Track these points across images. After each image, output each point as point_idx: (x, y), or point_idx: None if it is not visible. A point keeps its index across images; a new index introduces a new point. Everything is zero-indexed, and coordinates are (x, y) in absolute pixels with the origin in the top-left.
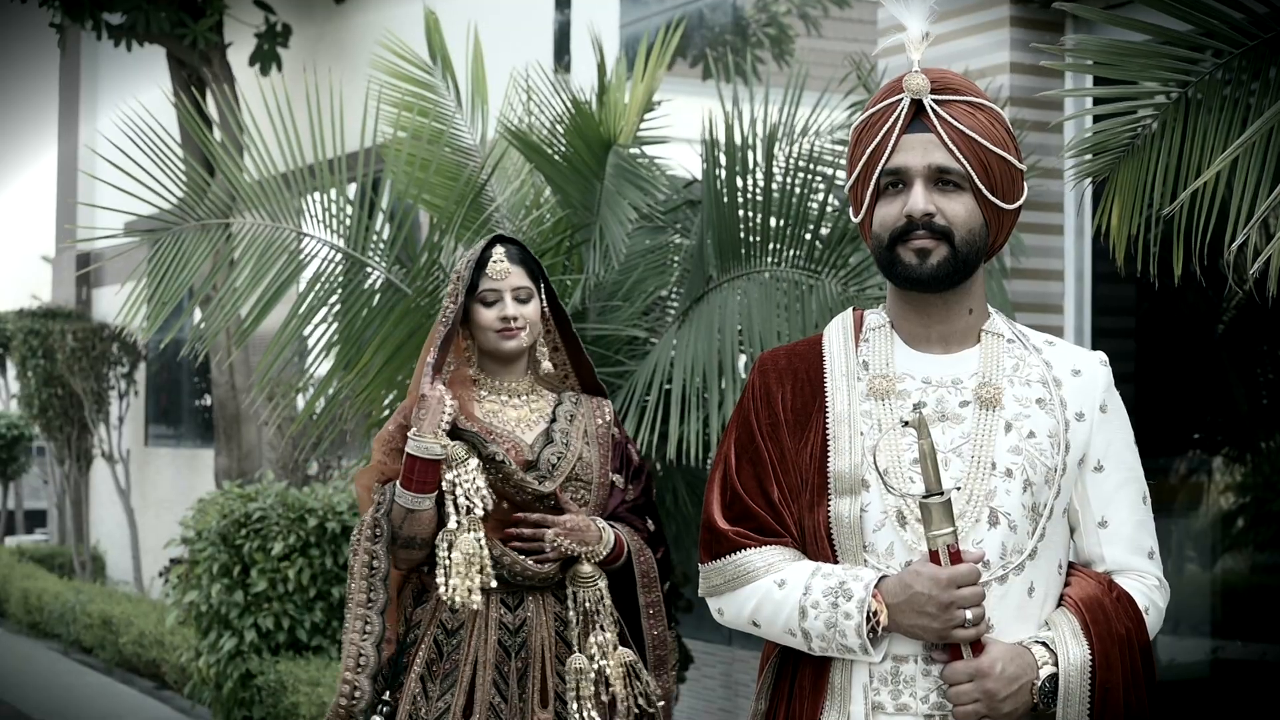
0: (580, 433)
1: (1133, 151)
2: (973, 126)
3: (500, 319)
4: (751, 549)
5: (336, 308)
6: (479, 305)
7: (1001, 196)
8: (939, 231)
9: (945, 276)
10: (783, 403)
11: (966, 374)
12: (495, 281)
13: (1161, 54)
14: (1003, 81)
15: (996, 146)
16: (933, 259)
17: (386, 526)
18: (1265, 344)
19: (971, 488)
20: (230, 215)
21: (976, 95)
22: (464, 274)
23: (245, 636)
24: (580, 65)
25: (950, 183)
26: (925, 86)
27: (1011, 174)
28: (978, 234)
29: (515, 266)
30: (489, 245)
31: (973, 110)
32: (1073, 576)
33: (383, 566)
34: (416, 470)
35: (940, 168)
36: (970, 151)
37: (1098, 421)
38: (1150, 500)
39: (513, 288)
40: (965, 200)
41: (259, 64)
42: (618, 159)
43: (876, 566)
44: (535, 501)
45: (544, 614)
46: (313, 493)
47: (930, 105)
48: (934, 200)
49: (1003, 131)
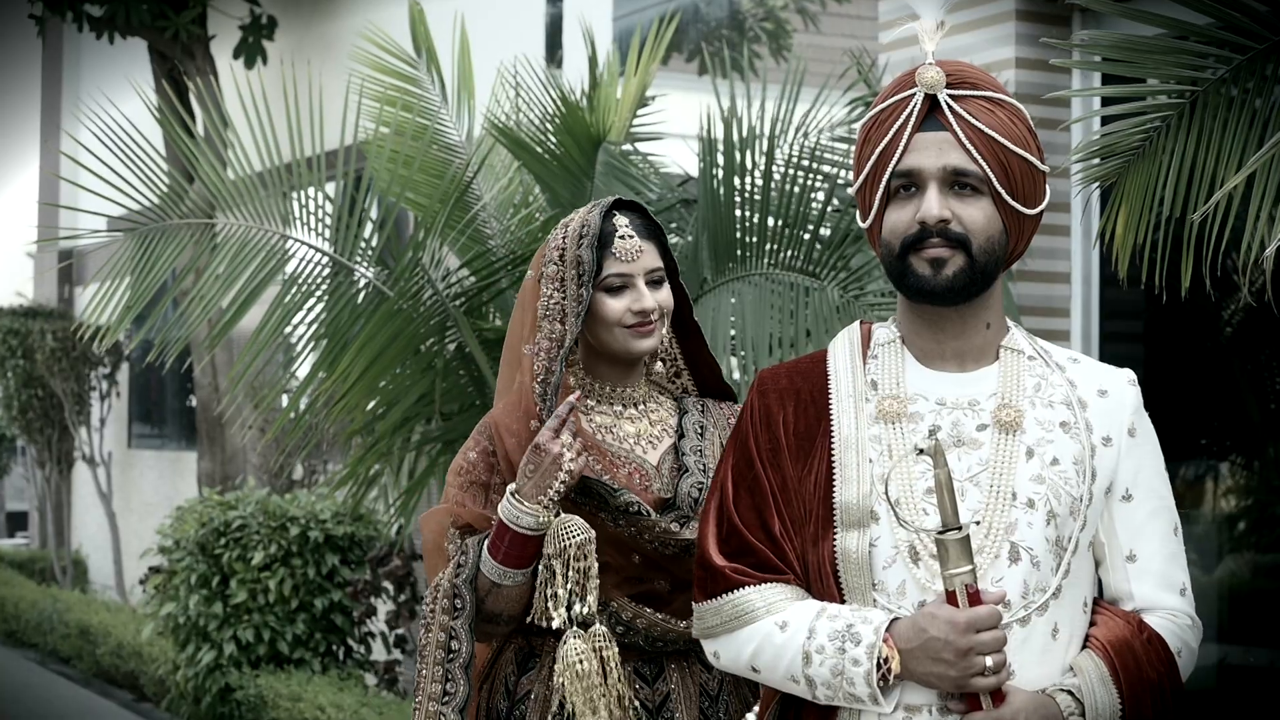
0: (715, 451)
1: (1142, 155)
2: (992, 124)
3: (634, 312)
4: (750, 587)
5: (316, 310)
6: (600, 294)
7: (1023, 201)
8: (955, 239)
9: (961, 289)
10: (784, 426)
11: (984, 395)
12: (624, 263)
13: (1177, 49)
14: (1008, 78)
15: (1018, 146)
16: (948, 269)
17: (471, 597)
18: (1274, 349)
19: (990, 520)
20: (211, 214)
21: (996, 90)
22: (584, 255)
23: (224, 649)
24: (572, 59)
25: (967, 186)
26: (940, 80)
27: (1034, 176)
28: (997, 242)
29: (647, 242)
30: (608, 213)
31: (992, 107)
32: (1099, 615)
33: (464, 650)
34: (509, 541)
35: (956, 170)
36: (989, 152)
37: (1126, 446)
38: (1181, 530)
39: (646, 270)
40: (983, 205)
41: (243, 57)
42: (608, 157)
43: (887, 607)
44: (680, 553)
45: (689, 686)
46: (295, 500)
47: (946, 101)
48: (949, 205)
49: (1024, 130)
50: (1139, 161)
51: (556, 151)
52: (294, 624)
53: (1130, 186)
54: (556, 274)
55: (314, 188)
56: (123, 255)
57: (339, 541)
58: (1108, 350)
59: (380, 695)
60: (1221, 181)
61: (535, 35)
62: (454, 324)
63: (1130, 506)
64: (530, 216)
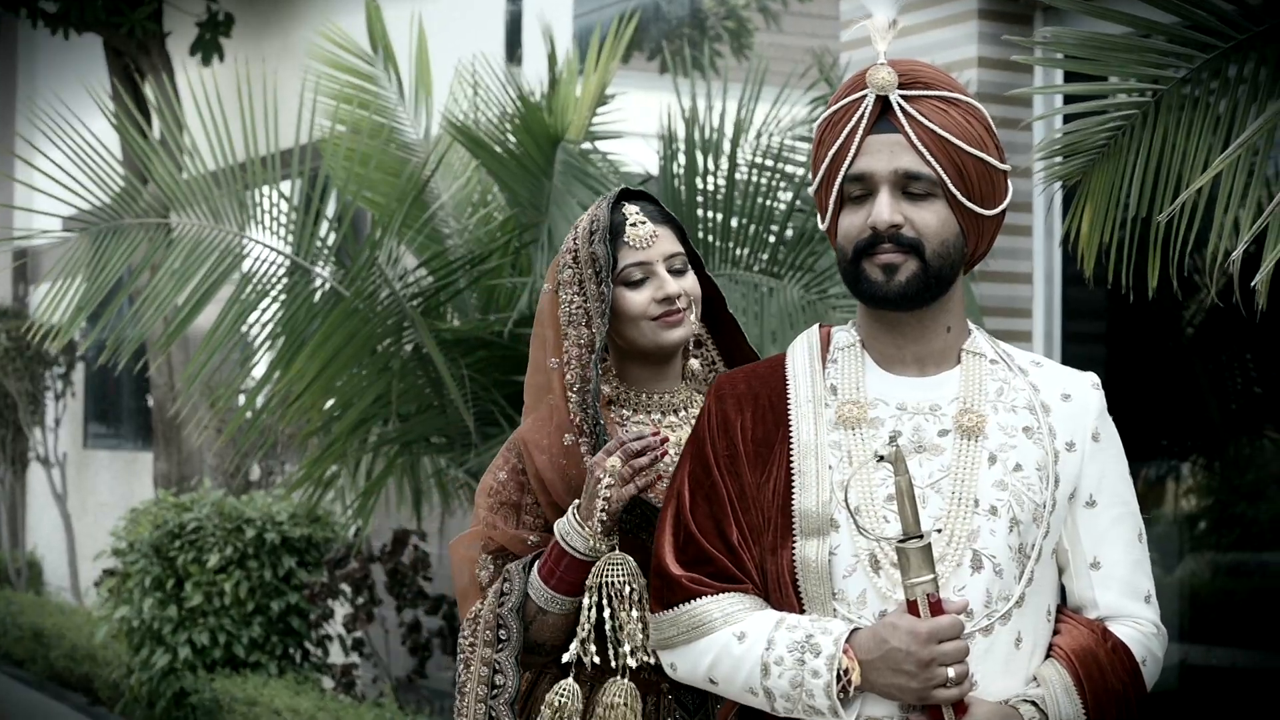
0: None
1: (1107, 154)
2: (945, 125)
3: (658, 301)
4: (707, 597)
5: (271, 309)
6: (619, 289)
7: (980, 201)
8: (907, 244)
9: (915, 295)
10: (742, 432)
11: (946, 399)
12: (640, 251)
13: (1140, 47)
14: (970, 77)
15: (973, 147)
16: (900, 275)
17: (518, 627)
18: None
19: (952, 528)
20: (166, 213)
21: (951, 89)
22: (597, 250)
23: (179, 653)
24: (532, 58)
25: (921, 189)
26: (892, 81)
27: (991, 176)
28: (952, 245)
29: (661, 227)
30: (615, 204)
31: (946, 107)
32: (1062, 624)
33: (510, 685)
34: (564, 565)
35: (908, 173)
36: (942, 154)
37: (1090, 451)
38: (1146, 537)
39: (664, 255)
40: (937, 208)
41: (200, 54)
42: (566, 155)
43: (847, 617)
44: None
45: None
46: (251, 501)
47: (897, 102)
48: (902, 209)
49: (981, 129)
50: (1103, 160)
51: (515, 150)
52: (250, 627)
53: (1095, 185)
54: (574, 277)
55: (270, 186)
56: (75, 254)
57: (296, 544)
58: (1070, 351)
59: (337, 698)
60: (1187, 182)
61: (495, 34)
62: (411, 324)
63: (1094, 513)
64: (489, 216)
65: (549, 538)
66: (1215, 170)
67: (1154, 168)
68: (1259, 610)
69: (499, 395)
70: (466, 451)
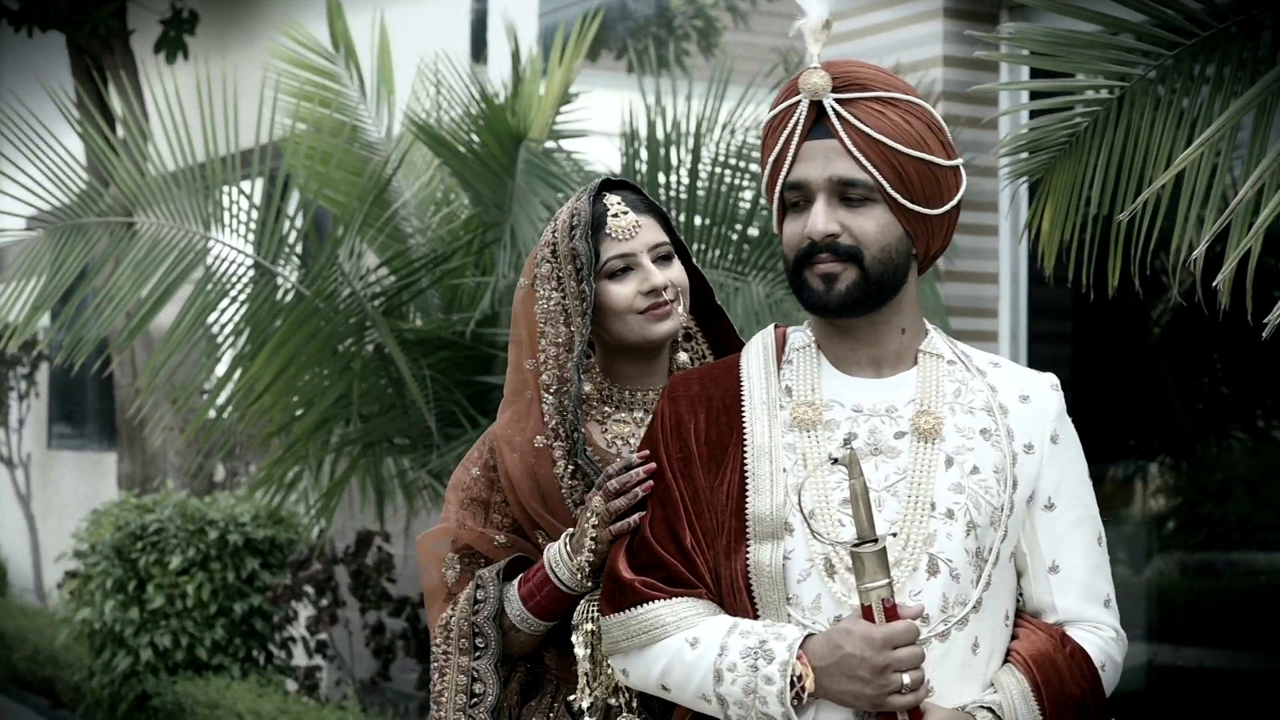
0: None
1: (1069, 150)
2: (882, 128)
3: (644, 293)
4: (660, 601)
5: (231, 309)
6: (603, 282)
7: (924, 202)
8: (845, 253)
9: (855, 303)
10: (695, 434)
11: (902, 401)
12: (623, 242)
13: (1107, 44)
14: (935, 76)
15: (912, 148)
16: (840, 285)
17: (495, 635)
18: (1202, 349)
19: (909, 531)
20: (129, 212)
21: (889, 88)
22: (579, 246)
23: (141, 656)
24: (498, 56)
25: (858, 195)
26: (824, 85)
27: (936, 175)
28: (894, 249)
29: (644, 216)
30: (596, 195)
31: (883, 108)
32: (1021, 629)
33: (490, 692)
34: (546, 593)
35: (843, 180)
36: (879, 158)
37: (1048, 454)
38: (1106, 540)
39: (648, 245)
40: (877, 213)
41: (164, 52)
42: (529, 154)
43: (801, 622)
44: None
45: None
46: (214, 503)
47: (831, 106)
48: (839, 217)
49: (922, 127)
50: (1065, 158)
51: (478, 149)
52: (212, 629)
53: (1056, 183)
54: (551, 273)
55: (230, 185)
56: (35, 253)
57: (259, 545)
58: (1036, 351)
59: (300, 701)
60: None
61: (461, 32)
62: (372, 324)
63: (1053, 516)
64: (451, 215)
65: (516, 539)
66: (1178, 167)
67: (1116, 165)
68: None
69: (461, 396)
70: (429, 453)
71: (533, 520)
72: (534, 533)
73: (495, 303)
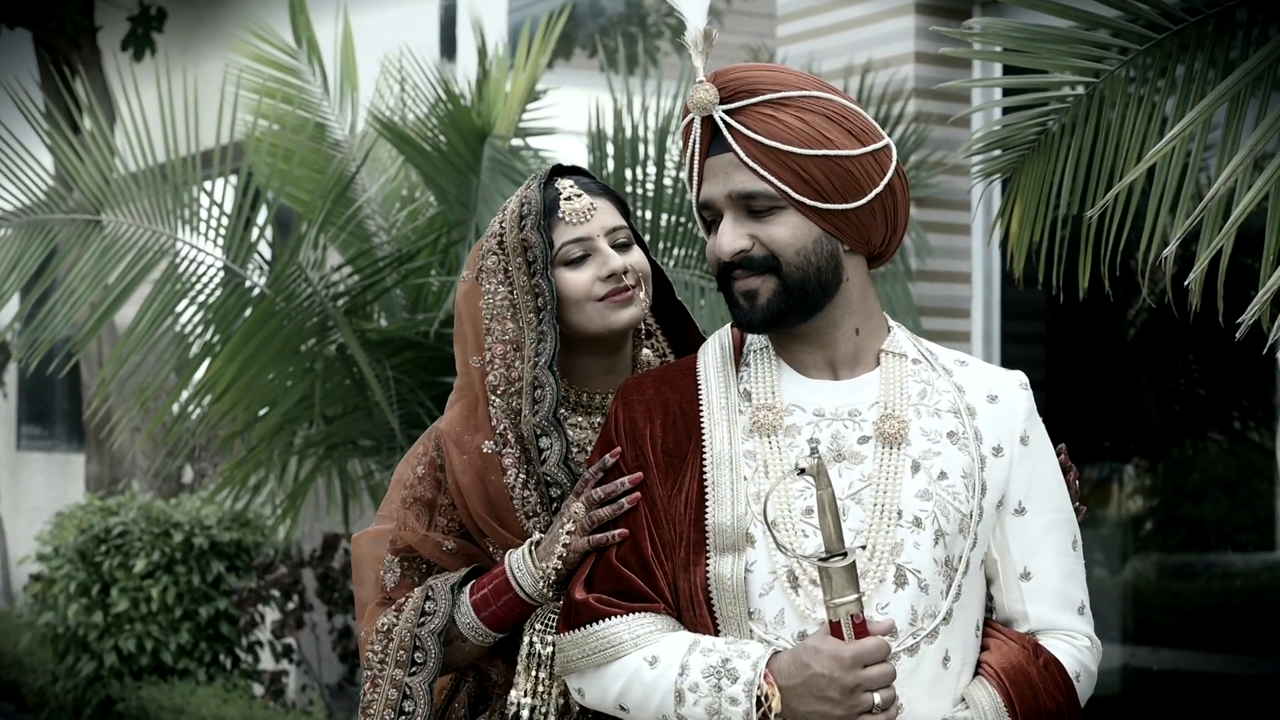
0: None
1: (1039, 149)
2: (773, 133)
3: (602, 279)
4: (617, 618)
5: (191, 309)
6: (558, 270)
7: (839, 198)
8: (760, 265)
9: (780, 315)
10: (651, 442)
11: (865, 403)
12: (577, 226)
13: (1078, 40)
14: (907, 72)
15: (808, 147)
16: (760, 299)
17: (436, 651)
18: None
19: (875, 541)
20: (95, 211)
21: (778, 88)
22: (530, 237)
23: (105, 660)
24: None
25: (762, 205)
26: (711, 98)
27: (846, 168)
28: (813, 253)
29: (599, 199)
30: (547, 181)
31: (774, 111)
32: (991, 639)
33: (420, 712)
34: (504, 602)
35: (743, 193)
36: (777, 164)
37: (1018, 456)
38: (1081, 544)
39: (605, 229)
40: (787, 219)
41: (132, 49)
42: (494, 151)
43: (764, 638)
44: None
45: None
46: (179, 505)
47: (721, 119)
48: (748, 229)
49: (820, 121)
50: (1035, 156)
51: (442, 147)
52: (178, 633)
53: (1026, 181)
54: (498, 265)
55: (194, 185)
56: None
57: (224, 548)
58: (1010, 352)
59: (267, 706)
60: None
61: (429, 29)
62: (335, 324)
63: (1024, 520)
64: (416, 213)
65: (465, 544)
66: (1149, 162)
67: (1086, 163)
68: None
69: (425, 397)
70: (393, 454)
71: (480, 529)
72: (483, 540)
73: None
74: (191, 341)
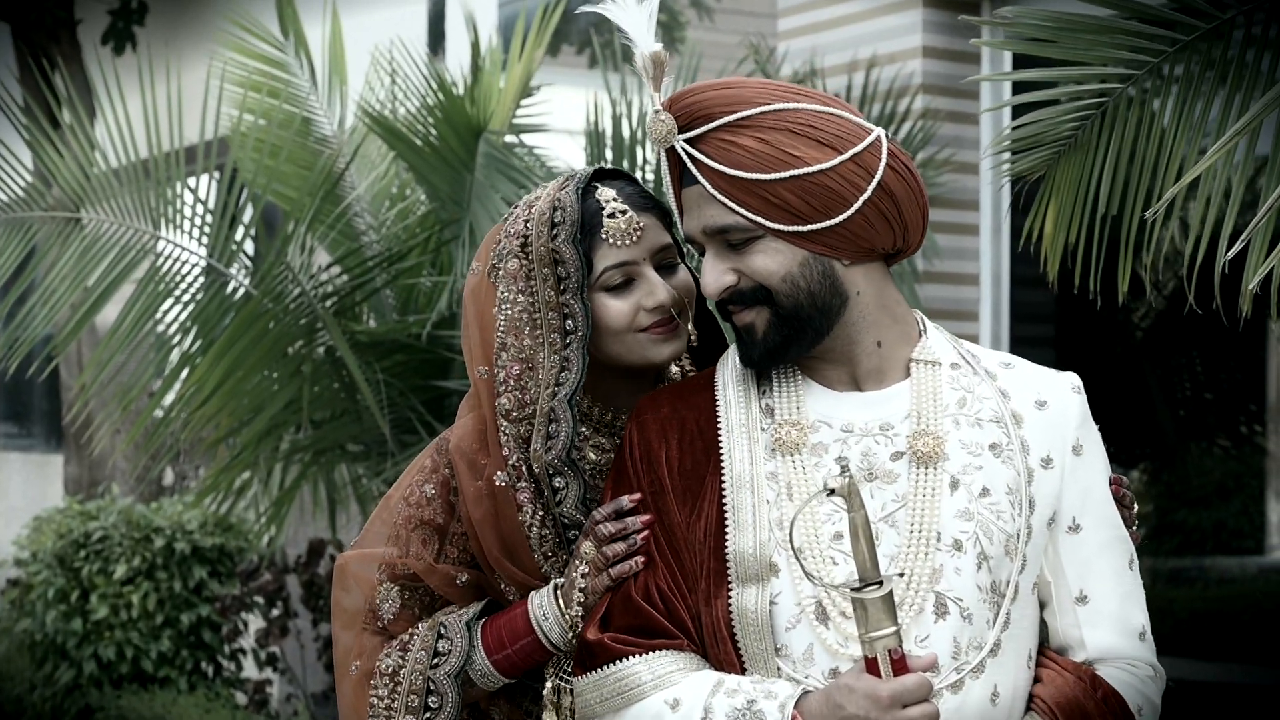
0: None
1: (1075, 145)
2: (735, 161)
3: (647, 310)
4: (635, 657)
5: (175, 309)
6: (597, 294)
7: (819, 215)
8: (751, 298)
9: (780, 348)
10: (667, 464)
11: (898, 416)
12: (620, 249)
13: (1115, 28)
14: (914, 67)
15: (773, 171)
16: (758, 334)
17: (453, 694)
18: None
19: (912, 567)
20: (75, 208)
21: (731, 108)
22: (563, 250)
23: (84, 668)
24: (456, 47)
25: (738, 237)
26: (670, 129)
27: (821, 183)
28: (802, 276)
29: (646, 215)
30: (587, 187)
31: (732, 136)
32: (1044, 670)
33: None
34: (521, 647)
35: (715, 228)
36: (744, 193)
37: (1070, 467)
38: (1137, 562)
39: (652, 251)
40: (766, 247)
41: (112, 43)
42: (489, 147)
43: (793, 676)
44: None
45: None
46: (160, 510)
47: (682, 150)
48: (731, 263)
49: (783, 139)
50: (1071, 153)
51: (435, 142)
52: (159, 641)
53: (1062, 180)
54: (520, 270)
55: (178, 181)
56: None
57: (207, 554)
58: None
59: (250, 715)
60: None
61: (418, 21)
62: (323, 325)
63: (1078, 539)
64: (407, 211)
65: (478, 574)
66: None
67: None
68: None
69: (417, 401)
70: (383, 460)
71: (490, 566)
72: (494, 577)
73: (453, 303)
74: (175, 344)
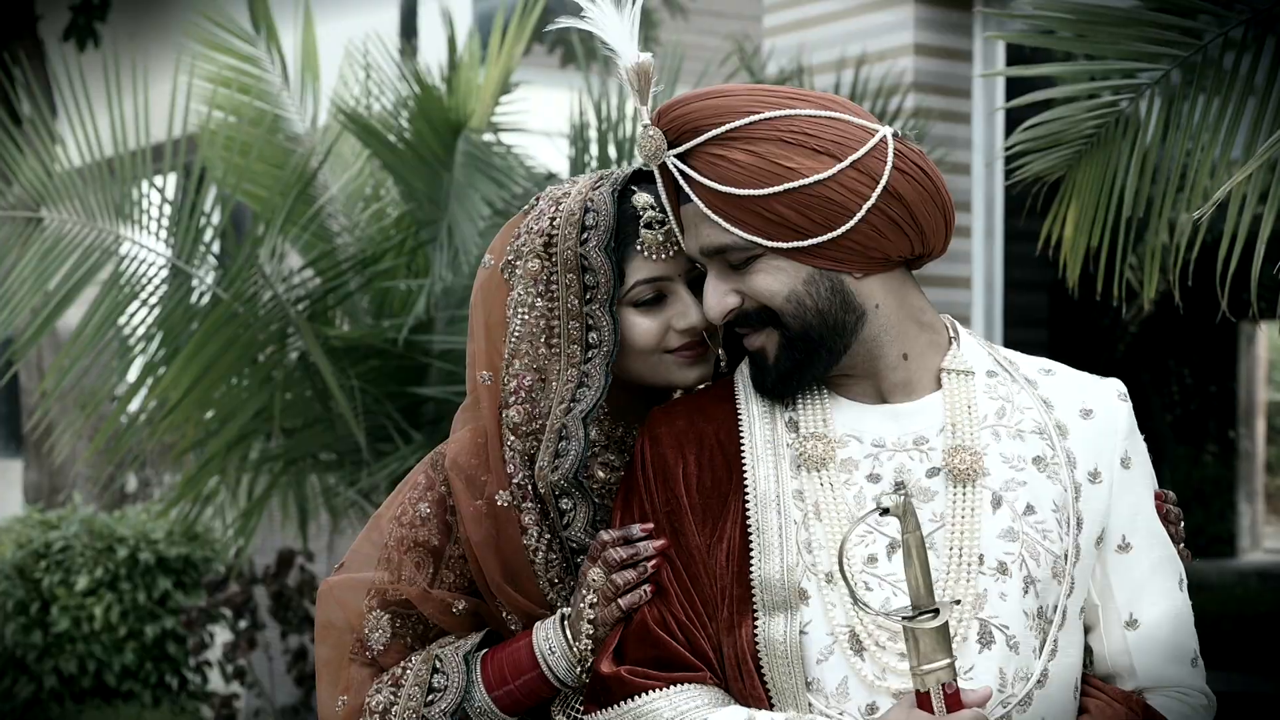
0: None
1: (1097, 144)
2: (726, 176)
3: (679, 330)
4: (655, 691)
5: (141, 312)
6: (625, 310)
7: (820, 229)
8: (757, 319)
9: (792, 372)
10: (685, 481)
11: (932, 429)
12: (654, 263)
13: (1144, 22)
14: (906, 65)
15: (767, 185)
16: (770, 359)
17: None
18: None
19: (954, 593)
20: (37, 208)
21: (718, 120)
22: (593, 257)
23: (45, 682)
24: (429, 43)
25: (737, 257)
26: (660, 145)
27: (820, 193)
28: (807, 295)
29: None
30: (623, 192)
31: (722, 150)
32: (1091, 700)
33: None
34: (524, 682)
35: (713, 248)
36: (738, 210)
37: (1119, 481)
38: (1186, 582)
39: (688, 267)
40: (768, 264)
41: (74, 39)
42: (469, 146)
43: (826, 713)
44: None
45: None
46: (123, 519)
47: (674, 166)
48: (732, 284)
49: (774, 150)
50: (1093, 152)
51: (411, 140)
52: (122, 654)
53: (1083, 181)
54: (541, 272)
55: (144, 180)
56: None
57: (172, 564)
58: None
59: None
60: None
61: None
62: (295, 330)
63: (1129, 559)
64: (382, 211)
65: (477, 602)
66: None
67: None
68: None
69: (393, 408)
70: (358, 470)
71: (491, 592)
72: (493, 603)
73: (430, 308)
74: (140, 349)
